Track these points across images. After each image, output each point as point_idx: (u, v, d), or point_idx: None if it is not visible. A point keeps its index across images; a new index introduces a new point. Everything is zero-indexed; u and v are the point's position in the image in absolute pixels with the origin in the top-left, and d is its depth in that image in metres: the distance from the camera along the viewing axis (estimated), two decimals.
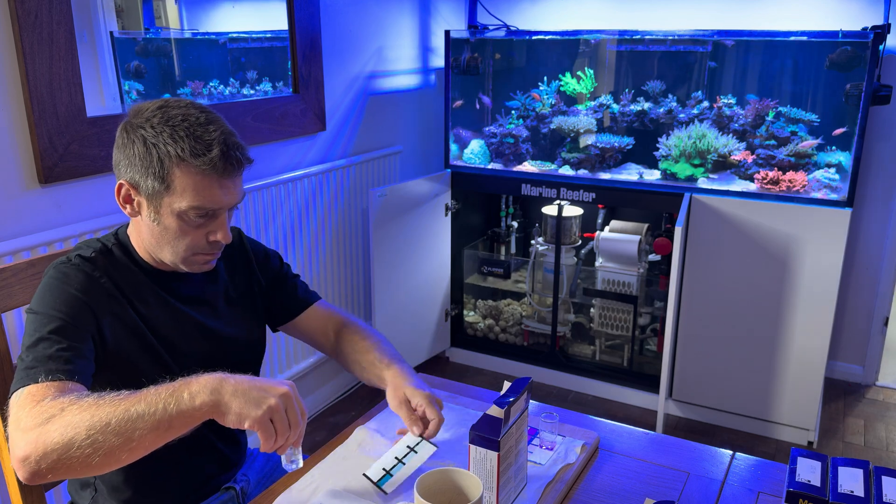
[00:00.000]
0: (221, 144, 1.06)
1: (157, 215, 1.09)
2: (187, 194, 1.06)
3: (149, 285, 1.16)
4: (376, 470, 1.14)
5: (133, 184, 1.09)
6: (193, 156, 1.05)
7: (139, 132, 1.07)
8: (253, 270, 1.33)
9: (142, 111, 1.08)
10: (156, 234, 1.12)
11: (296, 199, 2.52)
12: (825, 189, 2.55)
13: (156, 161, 1.06)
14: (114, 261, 1.15)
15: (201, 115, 1.08)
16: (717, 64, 2.84)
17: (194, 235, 1.11)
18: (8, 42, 1.62)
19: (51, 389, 0.95)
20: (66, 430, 0.88)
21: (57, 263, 1.12)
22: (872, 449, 2.60)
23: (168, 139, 1.05)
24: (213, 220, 1.11)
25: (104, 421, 0.88)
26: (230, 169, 1.08)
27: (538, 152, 3.11)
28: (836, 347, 3.05)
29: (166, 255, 1.14)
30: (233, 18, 2.39)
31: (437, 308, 3.14)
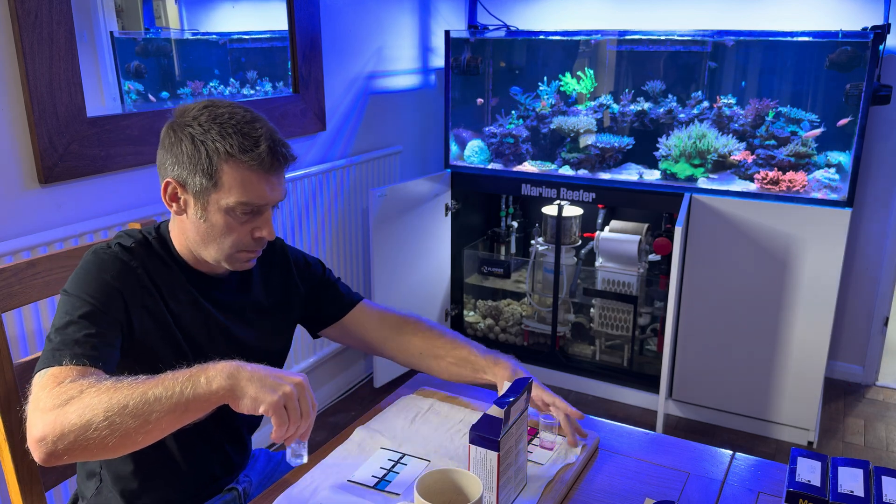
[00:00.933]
0: (269, 140, 1.09)
1: (204, 212, 1.11)
2: (235, 190, 1.09)
3: (183, 283, 1.18)
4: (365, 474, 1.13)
5: (180, 181, 1.11)
6: (242, 151, 1.07)
7: (187, 130, 1.09)
8: (292, 278, 1.34)
9: (187, 111, 1.11)
10: (201, 232, 1.13)
11: (296, 199, 2.52)
12: (825, 189, 2.55)
13: (204, 158, 1.08)
14: (152, 253, 1.16)
15: (247, 114, 1.11)
16: (717, 64, 2.85)
17: (240, 232, 1.13)
18: (8, 42, 1.62)
19: (73, 372, 0.97)
20: (84, 412, 0.90)
21: (96, 249, 1.13)
22: (872, 449, 2.60)
23: (217, 136, 1.08)
24: (258, 216, 1.13)
25: (122, 403, 0.90)
26: (276, 165, 1.11)
27: (538, 152, 3.11)
28: (836, 347, 3.05)
29: (210, 253, 1.15)
30: (233, 18, 2.39)
31: (438, 308, 3.14)
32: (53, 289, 1.30)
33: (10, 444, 1.22)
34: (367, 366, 3.10)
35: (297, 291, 1.34)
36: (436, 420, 1.31)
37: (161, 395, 0.91)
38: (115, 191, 1.91)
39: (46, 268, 1.28)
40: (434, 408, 1.36)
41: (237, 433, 1.33)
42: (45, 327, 1.72)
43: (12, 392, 1.22)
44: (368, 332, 1.40)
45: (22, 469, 1.23)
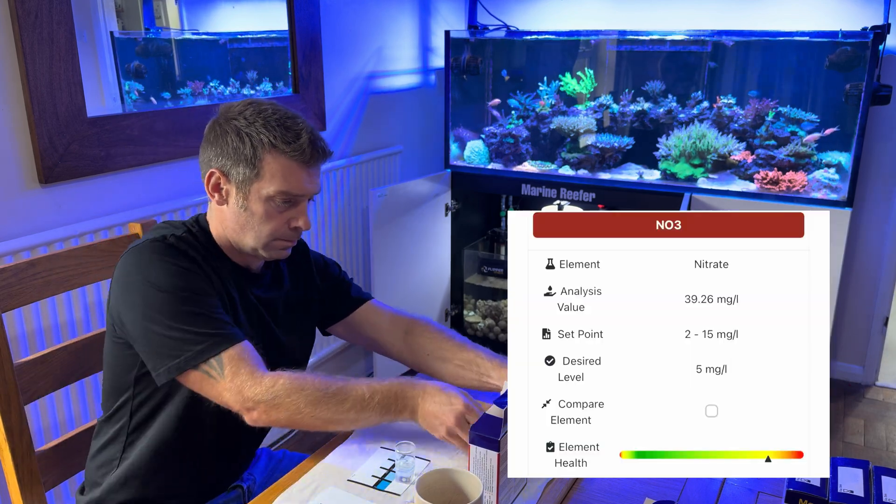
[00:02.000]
0: (309, 134, 1.18)
1: (246, 201, 1.18)
2: (276, 179, 1.16)
3: (232, 275, 1.23)
4: (364, 475, 1.14)
5: (224, 172, 1.18)
6: (284, 143, 1.15)
7: (232, 123, 1.17)
8: (312, 277, 1.40)
9: (232, 108, 1.19)
10: (241, 220, 1.19)
11: None
12: (825, 189, 2.55)
13: (248, 148, 1.15)
14: (201, 244, 1.21)
15: (288, 111, 1.20)
16: (716, 64, 2.85)
17: (278, 221, 1.19)
18: (8, 42, 1.62)
19: (245, 352, 1.12)
20: (294, 416, 1.10)
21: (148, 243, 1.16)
22: (872, 449, 2.60)
23: (262, 128, 1.15)
24: (294, 207, 1.20)
25: (327, 418, 1.12)
26: (316, 156, 1.19)
27: (538, 152, 3.11)
28: (836, 347, 3.05)
29: (249, 241, 1.20)
30: (233, 18, 2.39)
31: (437, 308, 3.14)
32: (54, 289, 1.30)
33: (10, 444, 1.22)
34: (368, 365, 3.10)
35: (316, 289, 1.40)
36: None
37: (358, 417, 1.13)
38: (116, 191, 1.91)
39: (46, 268, 1.28)
40: None
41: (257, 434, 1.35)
42: (46, 327, 1.72)
43: (12, 392, 1.22)
44: (377, 331, 1.43)
45: (22, 469, 1.23)
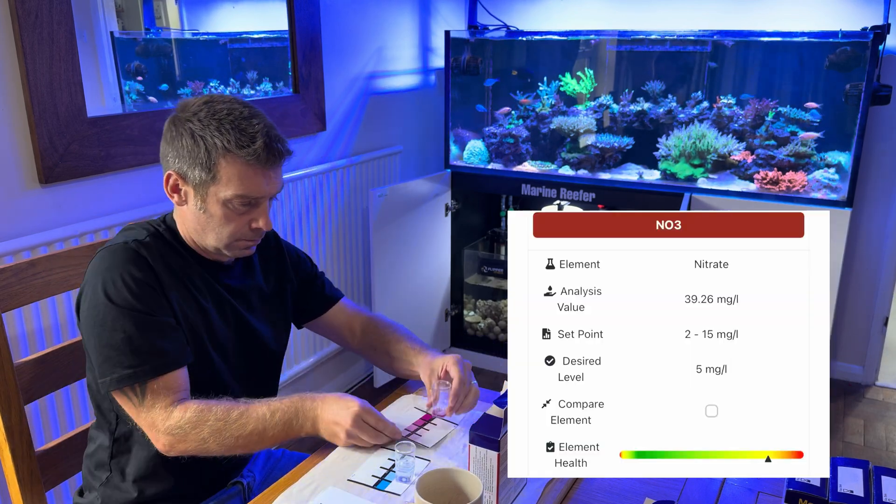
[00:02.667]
0: (265, 136, 1.14)
1: (204, 204, 1.17)
2: (232, 183, 1.14)
3: (198, 270, 1.23)
4: (364, 475, 1.14)
5: (181, 174, 1.16)
6: (239, 146, 1.13)
7: (187, 125, 1.15)
8: (286, 270, 1.40)
9: (188, 106, 1.16)
10: (201, 222, 1.19)
11: (296, 199, 2.52)
12: (825, 189, 2.55)
13: (203, 152, 1.13)
14: (166, 243, 1.21)
15: (245, 110, 1.16)
16: (716, 64, 2.85)
17: (238, 222, 1.18)
18: (8, 42, 1.62)
19: (169, 382, 1.13)
20: (200, 446, 1.13)
21: (115, 247, 1.17)
22: (872, 449, 2.61)
23: (215, 132, 1.13)
24: (255, 208, 1.19)
25: (231, 444, 1.13)
26: (272, 159, 1.16)
27: (538, 152, 3.11)
28: (836, 347, 3.05)
29: (210, 241, 1.20)
30: (233, 18, 2.39)
31: (437, 308, 3.14)
32: (54, 289, 1.30)
33: (10, 444, 1.22)
34: (367, 366, 3.10)
35: (290, 282, 1.40)
36: (436, 419, 1.31)
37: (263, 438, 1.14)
38: (116, 191, 1.91)
39: (46, 268, 1.29)
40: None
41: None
42: (46, 327, 1.72)
43: (12, 392, 1.22)
44: (342, 328, 1.47)
45: (22, 468, 1.23)
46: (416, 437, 1.25)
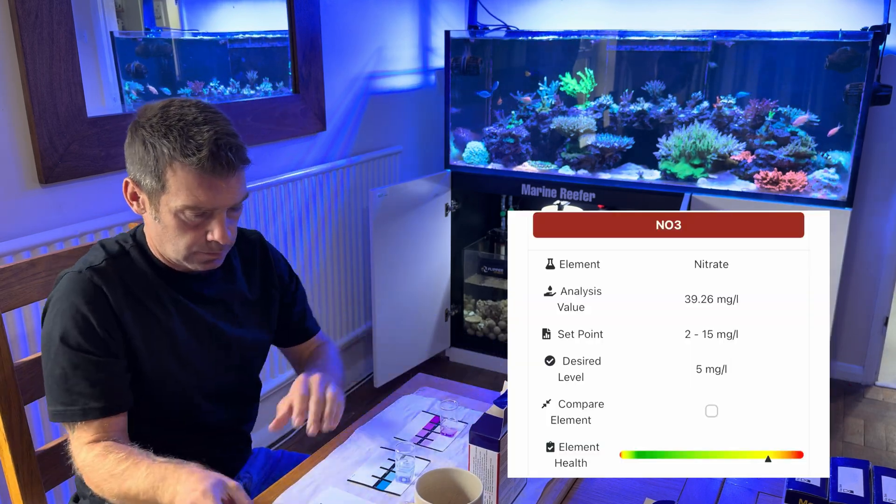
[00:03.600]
0: (212, 145, 1.07)
1: (157, 213, 1.12)
2: (181, 193, 1.08)
3: (163, 287, 1.19)
4: (364, 475, 1.14)
5: (136, 181, 1.12)
6: (183, 155, 1.06)
7: (140, 132, 1.10)
8: (272, 275, 1.35)
9: (147, 110, 1.11)
10: (158, 231, 1.14)
11: (296, 199, 2.52)
12: (825, 189, 2.55)
13: (152, 160, 1.08)
14: (128, 264, 1.18)
15: (199, 115, 1.09)
16: (716, 64, 2.85)
17: (193, 234, 1.13)
18: (8, 42, 1.62)
19: (95, 426, 1.11)
20: (96, 489, 1.10)
21: (71, 275, 1.14)
22: (872, 449, 2.60)
23: (163, 138, 1.07)
24: (210, 219, 1.12)
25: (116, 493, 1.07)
26: (220, 169, 1.08)
27: (538, 152, 3.11)
28: (836, 347, 3.05)
29: (169, 252, 1.16)
30: (233, 18, 2.39)
31: (438, 308, 3.14)
32: None
33: (10, 444, 1.22)
34: (367, 366, 3.10)
35: (275, 287, 1.36)
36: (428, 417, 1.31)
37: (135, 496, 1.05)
38: (116, 191, 1.91)
39: (46, 268, 1.29)
40: (434, 408, 1.36)
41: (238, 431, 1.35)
42: None
43: (12, 392, 1.22)
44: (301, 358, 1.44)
45: (22, 468, 1.23)
46: (427, 443, 1.24)
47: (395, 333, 2.88)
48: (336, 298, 2.82)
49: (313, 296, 2.69)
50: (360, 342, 3.05)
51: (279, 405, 1.15)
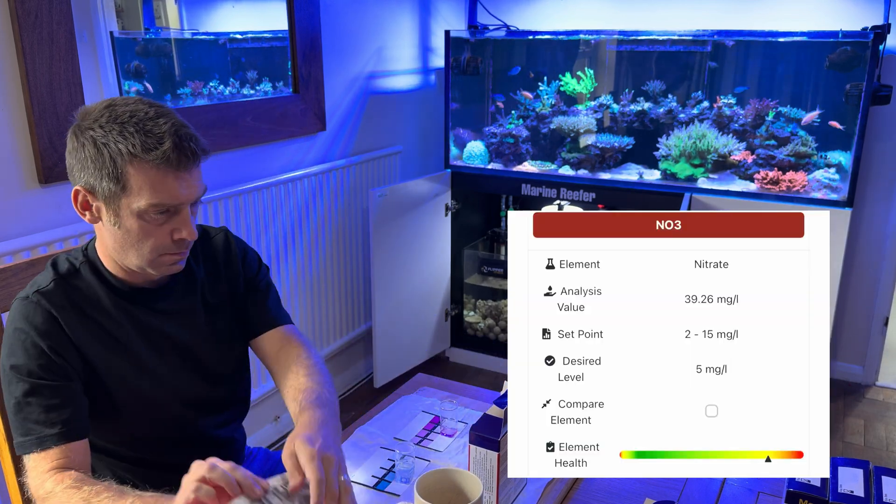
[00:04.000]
0: (173, 136, 1.03)
1: (118, 218, 1.06)
2: (144, 192, 1.03)
3: (119, 304, 1.14)
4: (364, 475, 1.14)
5: (89, 189, 1.06)
6: (145, 151, 1.02)
7: (88, 134, 1.04)
8: (238, 272, 1.27)
9: (89, 113, 1.06)
10: (119, 239, 1.08)
11: (296, 199, 2.52)
12: (825, 189, 2.55)
13: (108, 161, 1.02)
14: (78, 283, 1.12)
15: (150, 110, 1.05)
16: (716, 64, 2.84)
17: (158, 235, 1.07)
18: (8, 42, 1.62)
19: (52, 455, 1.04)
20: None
21: (19, 302, 1.10)
22: (872, 449, 2.60)
23: (118, 137, 1.02)
24: (174, 216, 1.08)
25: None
26: (185, 161, 1.04)
27: (538, 152, 3.11)
28: (836, 347, 3.05)
29: (132, 260, 1.10)
30: (233, 18, 2.39)
31: (438, 308, 3.14)
32: None
33: (10, 444, 1.21)
34: (367, 366, 3.10)
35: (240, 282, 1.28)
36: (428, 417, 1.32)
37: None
38: None
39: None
40: (434, 408, 1.36)
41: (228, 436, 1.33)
42: None
43: None
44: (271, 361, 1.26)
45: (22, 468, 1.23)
46: (427, 443, 1.24)
47: (395, 333, 2.88)
48: (336, 298, 2.82)
49: (313, 296, 2.69)
50: (359, 342, 3.04)
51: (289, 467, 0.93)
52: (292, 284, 2.56)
